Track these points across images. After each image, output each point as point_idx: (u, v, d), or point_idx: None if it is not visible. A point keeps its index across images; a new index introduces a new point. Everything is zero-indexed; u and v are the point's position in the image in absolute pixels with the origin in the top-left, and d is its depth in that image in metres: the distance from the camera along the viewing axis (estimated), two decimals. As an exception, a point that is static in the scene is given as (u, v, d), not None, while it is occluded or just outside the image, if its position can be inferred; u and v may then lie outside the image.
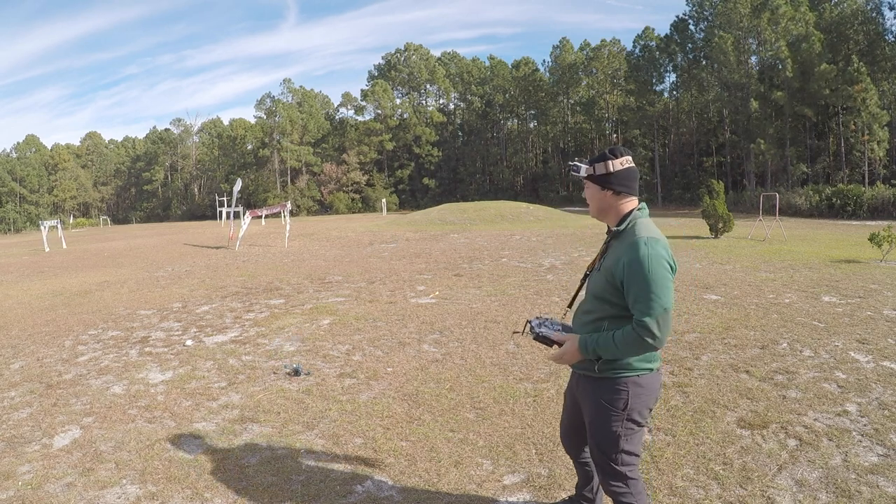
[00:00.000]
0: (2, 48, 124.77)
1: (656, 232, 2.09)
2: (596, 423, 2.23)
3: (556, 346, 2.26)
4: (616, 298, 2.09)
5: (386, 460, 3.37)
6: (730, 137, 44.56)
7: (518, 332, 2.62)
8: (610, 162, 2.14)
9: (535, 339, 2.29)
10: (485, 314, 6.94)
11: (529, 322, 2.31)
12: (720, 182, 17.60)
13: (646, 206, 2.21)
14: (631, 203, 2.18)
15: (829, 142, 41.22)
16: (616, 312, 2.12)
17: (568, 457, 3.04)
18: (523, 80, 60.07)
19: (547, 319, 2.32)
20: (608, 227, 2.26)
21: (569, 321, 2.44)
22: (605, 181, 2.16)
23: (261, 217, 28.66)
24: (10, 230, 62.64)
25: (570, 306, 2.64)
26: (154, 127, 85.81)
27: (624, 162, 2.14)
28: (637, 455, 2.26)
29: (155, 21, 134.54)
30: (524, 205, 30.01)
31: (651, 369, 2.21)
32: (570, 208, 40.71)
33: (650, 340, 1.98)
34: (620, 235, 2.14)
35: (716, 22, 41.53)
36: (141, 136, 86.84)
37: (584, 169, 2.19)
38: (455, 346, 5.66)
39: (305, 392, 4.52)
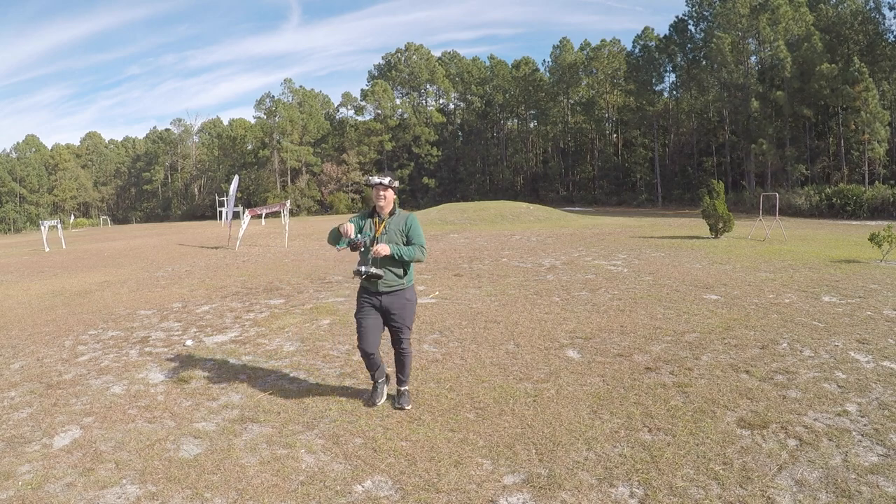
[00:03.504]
0: (5, 49, 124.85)
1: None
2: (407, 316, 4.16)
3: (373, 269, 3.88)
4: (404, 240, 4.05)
5: (386, 460, 3.37)
6: (730, 138, 44.58)
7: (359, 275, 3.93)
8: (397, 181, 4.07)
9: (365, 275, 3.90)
10: (485, 314, 6.94)
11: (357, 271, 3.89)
12: (720, 182, 17.59)
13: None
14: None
15: (828, 142, 41.25)
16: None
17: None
18: (523, 79, 60.04)
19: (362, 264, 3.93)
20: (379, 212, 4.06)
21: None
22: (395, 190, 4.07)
23: (260, 216, 28.66)
24: (10, 230, 62.59)
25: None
26: (154, 127, 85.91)
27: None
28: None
29: (158, 21, 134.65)
30: (524, 205, 30.00)
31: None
32: (570, 208, 40.72)
33: (425, 254, 4.07)
34: (396, 215, 4.08)
35: (715, 22, 41.53)
36: (141, 136, 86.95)
37: (395, 183, 4.04)
38: (455, 346, 5.66)
39: (305, 392, 4.52)
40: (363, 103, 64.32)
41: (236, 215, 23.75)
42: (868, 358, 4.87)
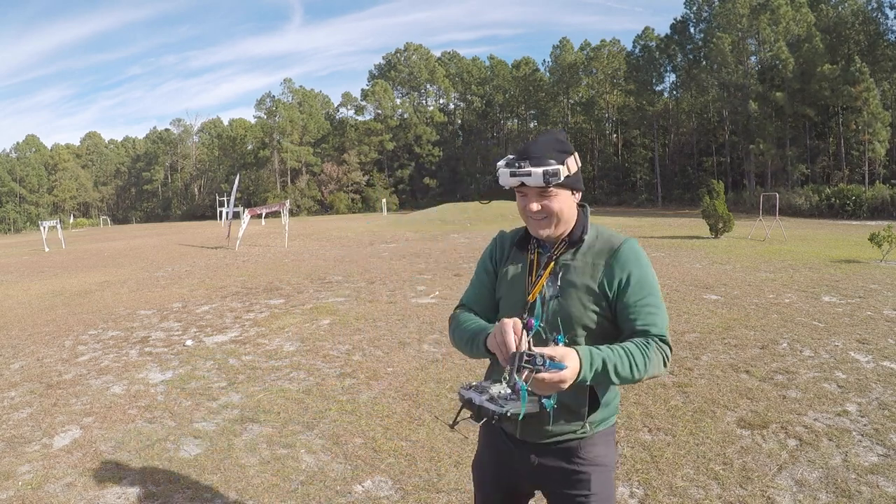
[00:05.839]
0: (5, 49, 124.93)
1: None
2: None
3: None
4: (602, 315, 1.52)
5: (386, 460, 3.37)
6: (730, 138, 44.58)
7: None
8: (574, 155, 1.51)
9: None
10: (485, 314, 6.93)
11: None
12: (720, 182, 17.60)
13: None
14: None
15: (829, 142, 41.24)
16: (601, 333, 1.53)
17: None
18: (523, 79, 60.05)
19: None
20: (538, 240, 1.63)
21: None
22: (575, 183, 1.52)
23: (260, 216, 28.66)
24: (10, 230, 62.59)
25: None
26: (154, 127, 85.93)
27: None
28: None
29: (159, 22, 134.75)
30: (524, 205, 29.95)
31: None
32: (570, 208, 40.65)
33: (668, 362, 1.46)
34: (586, 243, 1.57)
35: (714, 23, 41.54)
36: (141, 136, 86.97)
37: (562, 171, 1.46)
38: (455, 346, 5.66)
39: (305, 392, 4.52)
40: (363, 103, 64.34)
41: (236, 215, 23.75)
42: (868, 358, 4.87)
